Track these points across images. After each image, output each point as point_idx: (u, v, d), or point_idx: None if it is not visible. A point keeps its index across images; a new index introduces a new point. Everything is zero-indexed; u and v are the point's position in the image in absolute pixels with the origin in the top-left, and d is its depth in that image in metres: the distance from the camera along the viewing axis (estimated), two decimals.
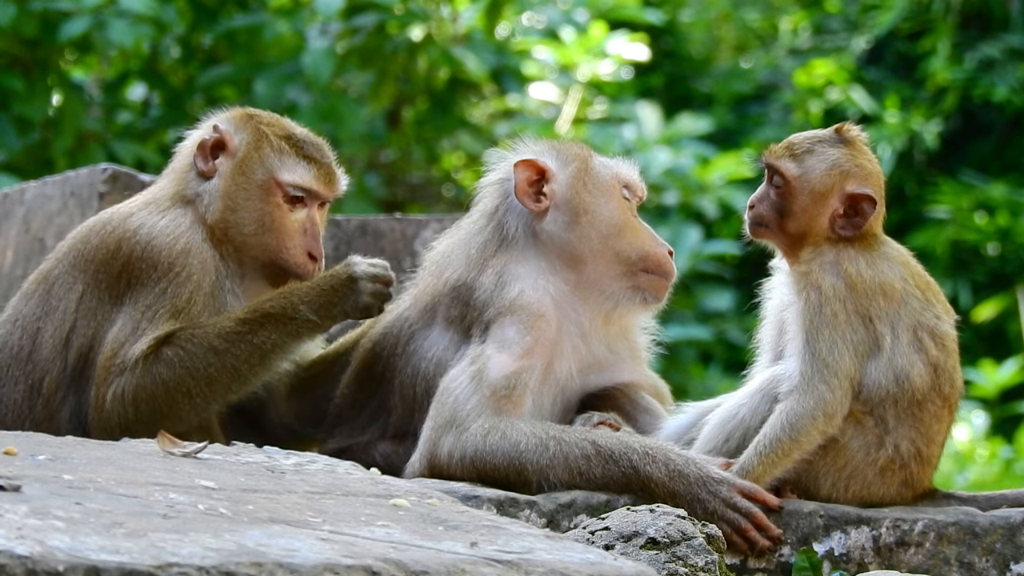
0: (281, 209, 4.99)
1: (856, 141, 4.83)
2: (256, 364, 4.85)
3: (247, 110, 5.13)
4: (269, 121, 5.09)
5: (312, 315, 4.86)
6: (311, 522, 3.41)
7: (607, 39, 13.80)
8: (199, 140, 5.05)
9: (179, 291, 4.85)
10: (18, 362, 4.96)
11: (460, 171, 14.64)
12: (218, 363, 4.81)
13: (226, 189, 4.98)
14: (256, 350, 4.83)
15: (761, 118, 16.06)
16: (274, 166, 5.00)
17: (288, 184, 4.99)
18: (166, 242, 4.89)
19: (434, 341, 4.99)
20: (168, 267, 4.86)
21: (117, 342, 4.83)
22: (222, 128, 5.03)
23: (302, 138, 5.07)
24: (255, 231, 4.98)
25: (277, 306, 4.86)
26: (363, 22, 12.13)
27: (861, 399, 4.66)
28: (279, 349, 4.87)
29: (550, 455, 4.65)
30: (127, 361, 4.79)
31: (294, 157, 5.01)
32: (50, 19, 11.15)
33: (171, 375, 4.78)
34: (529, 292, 4.90)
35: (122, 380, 4.79)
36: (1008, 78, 14.92)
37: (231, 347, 4.81)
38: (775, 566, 4.56)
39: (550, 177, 5.02)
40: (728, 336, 14.01)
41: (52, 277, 4.98)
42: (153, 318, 4.82)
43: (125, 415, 4.78)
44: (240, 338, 4.82)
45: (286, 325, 4.85)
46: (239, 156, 5.00)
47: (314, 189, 5.02)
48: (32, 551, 2.88)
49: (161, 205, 5.00)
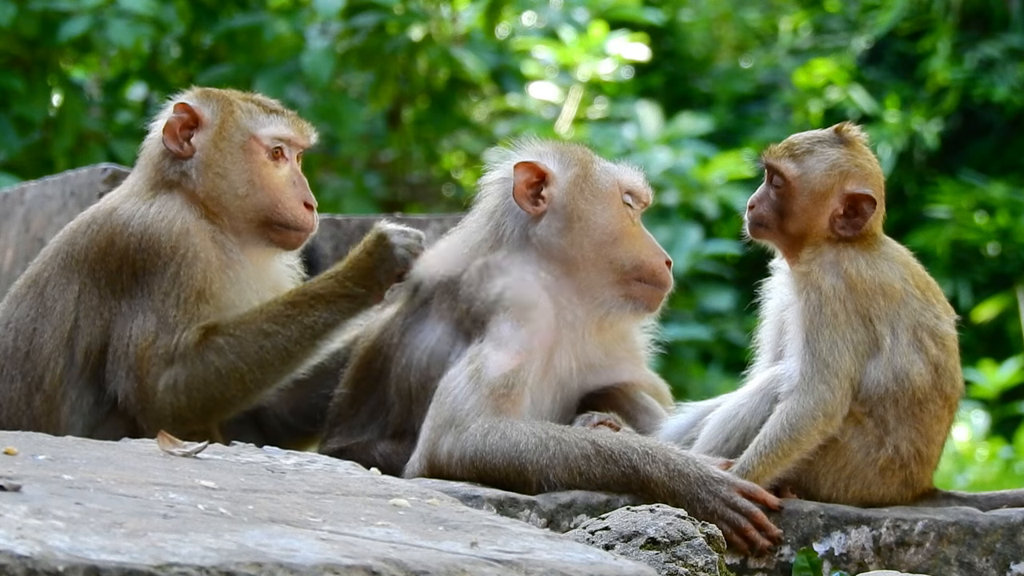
0: (267, 166, 5.08)
1: (856, 141, 4.83)
2: (307, 344, 4.94)
3: (202, 88, 5.22)
4: (228, 91, 5.20)
5: (358, 287, 4.97)
6: (311, 522, 3.41)
7: (607, 39, 13.80)
8: (164, 124, 5.10)
9: (191, 271, 4.90)
10: (13, 362, 4.98)
11: (460, 171, 14.65)
12: (270, 345, 4.90)
13: (209, 159, 5.04)
14: (307, 330, 4.93)
15: (761, 118, 16.06)
16: (250, 125, 5.10)
17: (267, 137, 5.09)
18: (163, 227, 4.92)
19: (427, 333, 5.00)
20: (172, 251, 4.90)
21: (147, 333, 4.87)
22: (192, 105, 5.10)
23: (262, 98, 5.21)
24: (247, 192, 5.05)
25: (324, 287, 4.97)
26: (363, 22, 12.13)
27: (861, 399, 4.66)
28: (330, 327, 4.97)
29: (550, 455, 4.65)
30: (174, 351, 4.85)
31: (264, 113, 5.14)
32: (50, 19, 11.15)
33: (223, 361, 4.87)
34: (516, 284, 4.90)
35: (172, 371, 4.85)
36: (1008, 78, 14.93)
37: (282, 329, 4.91)
38: (775, 566, 4.56)
39: (550, 180, 5.01)
40: (728, 336, 14.01)
41: (43, 280, 4.99)
42: (179, 304, 4.88)
43: (178, 404, 4.85)
44: (291, 320, 4.92)
45: (336, 303, 4.96)
46: (215, 125, 5.07)
47: (290, 136, 5.12)
48: (32, 551, 2.88)
49: (144, 195, 5.03)
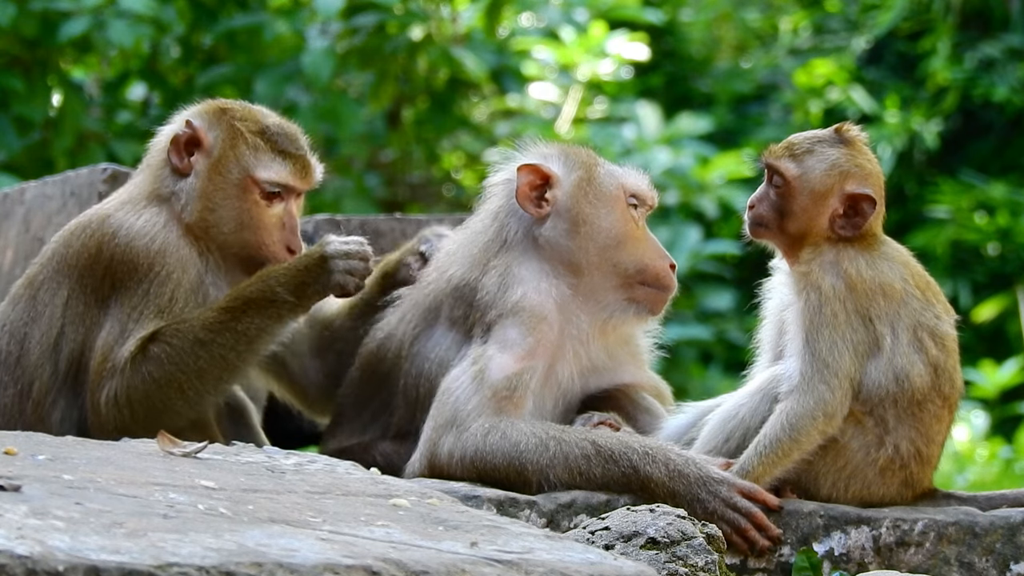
0: (259, 206, 4.99)
1: (856, 141, 4.83)
2: (243, 351, 4.85)
3: (219, 103, 5.11)
4: (242, 115, 5.07)
5: (290, 296, 4.87)
6: (311, 522, 3.41)
7: (607, 39, 13.79)
8: (172, 136, 5.03)
9: (161, 290, 4.86)
10: (6, 367, 4.98)
11: (460, 171, 14.64)
12: (205, 354, 4.81)
13: (203, 189, 4.97)
14: (241, 336, 4.84)
15: (761, 118, 16.06)
16: (250, 164, 4.99)
17: (265, 181, 4.99)
18: (143, 243, 4.89)
19: (437, 341, 4.99)
20: (148, 268, 4.87)
21: (107, 346, 4.84)
22: (196, 124, 5.01)
23: (276, 131, 5.06)
24: (234, 228, 4.99)
25: (256, 291, 4.87)
26: (363, 22, 12.12)
27: (861, 399, 4.66)
28: (264, 333, 4.87)
29: (550, 455, 4.64)
30: (117, 364, 4.80)
31: (269, 153, 5.01)
32: (50, 19, 11.14)
33: (160, 372, 4.79)
34: (532, 294, 4.89)
35: (113, 383, 4.80)
36: (1008, 78, 14.92)
37: (216, 336, 4.82)
38: (775, 566, 4.56)
39: (554, 183, 5.00)
40: (728, 336, 14.00)
41: (37, 282, 4.99)
42: (139, 319, 4.83)
43: (120, 417, 4.80)
44: (224, 326, 4.83)
45: (267, 308, 4.86)
46: (215, 155, 4.99)
47: (290, 184, 5.03)
48: (32, 551, 2.88)
49: (137, 204, 4.99)
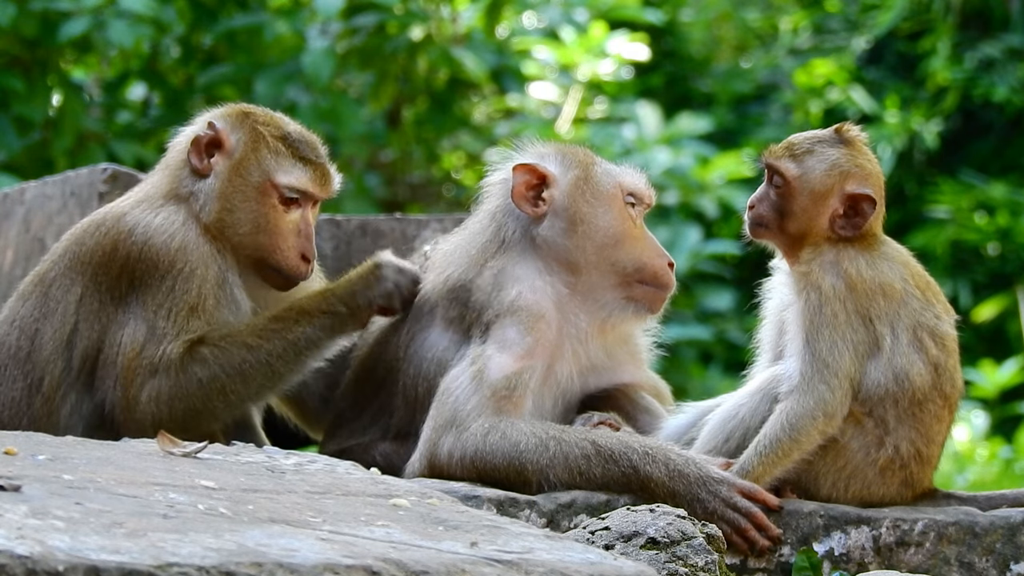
0: (276, 211, 5.01)
1: (856, 141, 4.83)
2: (291, 360, 4.91)
3: (243, 107, 5.13)
4: (265, 120, 5.09)
5: (341, 306, 4.96)
6: (311, 522, 3.41)
7: (607, 39, 13.79)
8: (194, 136, 5.04)
9: (187, 287, 4.87)
10: (16, 361, 4.97)
11: (460, 171, 14.64)
12: (252, 359, 4.87)
13: (222, 190, 4.99)
14: (291, 346, 4.91)
15: (761, 118, 16.06)
16: (271, 168, 5.01)
17: (284, 187, 5.01)
18: (162, 240, 4.90)
19: (434, 341, 4.98)
20: (169, 264, 4.88)
21: (136, 343, 4.85)
22: (218, 126, 5.02)
23: (297, 138, 5.08)
24: (250, 231, 4.99)
25: (311, 302, 4.97)
26: (363, 22, 12.13)
27: (861, 399, 4.66)
28: (313, 345, 4.94)
29: (550, 455, 4.64)
30: (159, 362, 4.82)
31: (290, 159, 5.03)
32: (50, 19, 11.14)
33: (206, 373, 4.84)
34: (528, 293, 4.88)
35: (156, 381, 4.82)
36: (1008, 78, 14.92)
37: (265, 343, 4.88)
38: (775, 566, 4.56)
39: (550, 182, 4.99)
40: (728, 336, 14.00)
41: (49, 279, 4.98)
42: (169, 316, 4.85)
43: (160, 415, 4.81)
44: (275, 334, 4.90)
45: (319, 319, 4.94)
46: (236, 157, 5.00)
47: (309, 191, 5.04)
48: (32, 551, 2.88)
49: (155, 203, 5.00)
